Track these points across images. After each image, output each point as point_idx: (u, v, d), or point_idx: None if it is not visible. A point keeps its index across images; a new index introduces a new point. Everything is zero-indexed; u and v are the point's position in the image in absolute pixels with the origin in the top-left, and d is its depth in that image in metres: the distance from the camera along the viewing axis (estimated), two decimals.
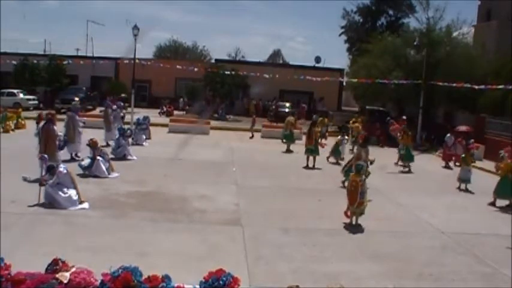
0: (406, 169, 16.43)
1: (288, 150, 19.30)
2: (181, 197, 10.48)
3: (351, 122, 23.33)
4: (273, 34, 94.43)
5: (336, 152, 16.90)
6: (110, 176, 11.94)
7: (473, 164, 14.80)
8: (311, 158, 15.79)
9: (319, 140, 16.60)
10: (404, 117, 21.74)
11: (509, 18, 29.24)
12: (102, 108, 30.15)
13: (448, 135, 19.08)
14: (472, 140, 21.32)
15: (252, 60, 45.73)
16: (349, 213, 9.24)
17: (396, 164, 17.03)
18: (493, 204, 11.88)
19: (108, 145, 16.25)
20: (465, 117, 25.72)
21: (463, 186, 13.68)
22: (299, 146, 19.00)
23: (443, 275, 6.98)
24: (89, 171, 11.92)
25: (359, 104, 37.80)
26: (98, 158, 12.08)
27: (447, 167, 18.22)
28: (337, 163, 16.18)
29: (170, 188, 11.14)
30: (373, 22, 43.21)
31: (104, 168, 12.00)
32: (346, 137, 19.35)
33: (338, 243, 8.17)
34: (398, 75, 25.91)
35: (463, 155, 14.57)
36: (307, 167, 15.60)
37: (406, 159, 16.63)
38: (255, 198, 10.99)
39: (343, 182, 12.03)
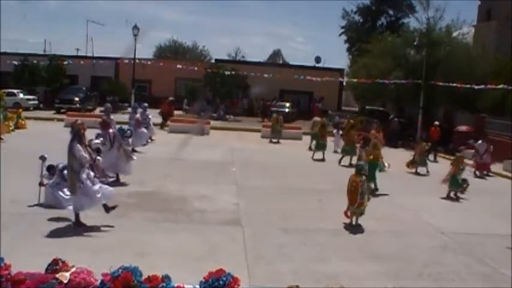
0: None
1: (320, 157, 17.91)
2: (181, 197, 10.48)
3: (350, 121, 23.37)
4: (273, 34, 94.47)
5: (453, 182, 12.72)
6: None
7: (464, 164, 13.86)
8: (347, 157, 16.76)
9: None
10: (436, 122, 21.27)
11: (509, 18, 29.28)
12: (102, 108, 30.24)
13: (480, 141, 17.33)
14: (472, 140, 21.45)
15: (252, 60, 45.83)
16: (349, 214, 9.24)
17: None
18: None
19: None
20: (465, 117, 25.73)
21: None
22: (294, 145, 19.04)
23: (443, 275, 6.98)
24: None
25: (359, 104, 37.85)
26: (98, 158, 12.04)
27: (480, 176, 16.52)
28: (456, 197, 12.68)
29: (170, 188, 11.14)
30: (373, 22, 43.31)
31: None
32: (341, 132, 20.03)
33: (338, 243, 8.17)
34: (398, 75, 25.94)
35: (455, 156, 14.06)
36: (339, 164, 16.44)
37: None
38: (255, 198, 10.98)
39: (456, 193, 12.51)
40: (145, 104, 19.83)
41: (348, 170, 13.39)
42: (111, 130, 11.55)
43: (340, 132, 20.05)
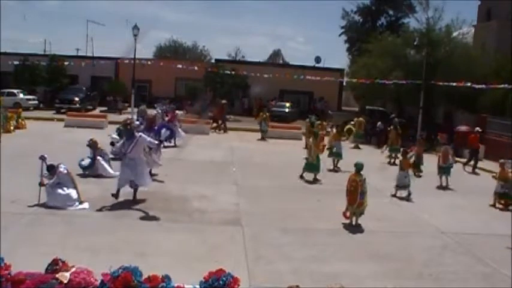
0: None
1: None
2: (182, 197, 10.48)
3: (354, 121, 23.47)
4: (273, 34, 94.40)
5: None
6: (115, 174, 11.74)
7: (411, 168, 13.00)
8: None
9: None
10: (478, 129, 18.94)
11: (509, 18, 29.25)
12: (105, 108, 30.23)
13: None
14: None
15: (252, 60, 45.72)
16: (347, 214, 9.22)
17: None
18: (301, 176, 13.49)
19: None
20: (465, 117, 25.71)
21: (400, 193, 12.09)
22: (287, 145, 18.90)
23: (443, 275, 6.99)
24: (90, 171, 11.92)
25: (359, 104, 37.81)
26: (98, 158, 12.08)
27: None
28: None
29: (170, 188, 11.14)
30: (373, 22, 43.22)
31: (106, 166, 12.02)
32: (335, 130, 20.03)
33: (338, 243, 8.17)
34: (398, 75, 25.88)
35: (400, 159, 12.98)
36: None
37: (335, 156, 15.89)
38: (255, 198, 10.99)
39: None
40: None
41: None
42: (156, 127, 12.33)
43: (335, 130, 20.20)
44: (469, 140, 18.44)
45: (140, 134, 10.15)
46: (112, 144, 14.03)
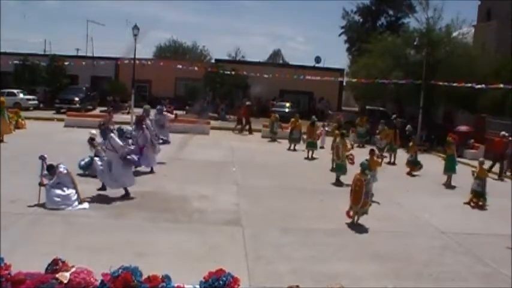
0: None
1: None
2: (181, 197, 10.47)
3: (357, 120, 23.55)
4: (273, 34, 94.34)
5: None
6: None
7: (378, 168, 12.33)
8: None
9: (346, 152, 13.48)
10: (504, 133, 17.91)
11: (509, 18, 29.27)
12: (105, 108, 30.17)
13: None
14: (472, 140, 21.44)
15: (252, 60, 45.69)
16: (351, 214, 9.23)
17: None
18: (337, 180, 13.21)
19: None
20: (465, 117, 25.71)
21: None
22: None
23: (443, 275, 6.99)
24: (89, 171, 11.91)
25: (359, 104, 37.85)
26: (95, 158, 12.05)
27: None
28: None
29: (170, 188, 11.13)
30: (373, 22, 43.27)
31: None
32: (327, 129, 21.54)
33: (338, 243, 8.16)
34: (398, 75, 25.91)
35: (367, 158, 11.88)
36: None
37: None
38: (255, 198, 10.98)
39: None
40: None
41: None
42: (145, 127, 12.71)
43: (327, 129, 21.64)
44: (494, 145, 18.01)
45: (111, 135, 10.37)
46: (92, 139, 13.29)
